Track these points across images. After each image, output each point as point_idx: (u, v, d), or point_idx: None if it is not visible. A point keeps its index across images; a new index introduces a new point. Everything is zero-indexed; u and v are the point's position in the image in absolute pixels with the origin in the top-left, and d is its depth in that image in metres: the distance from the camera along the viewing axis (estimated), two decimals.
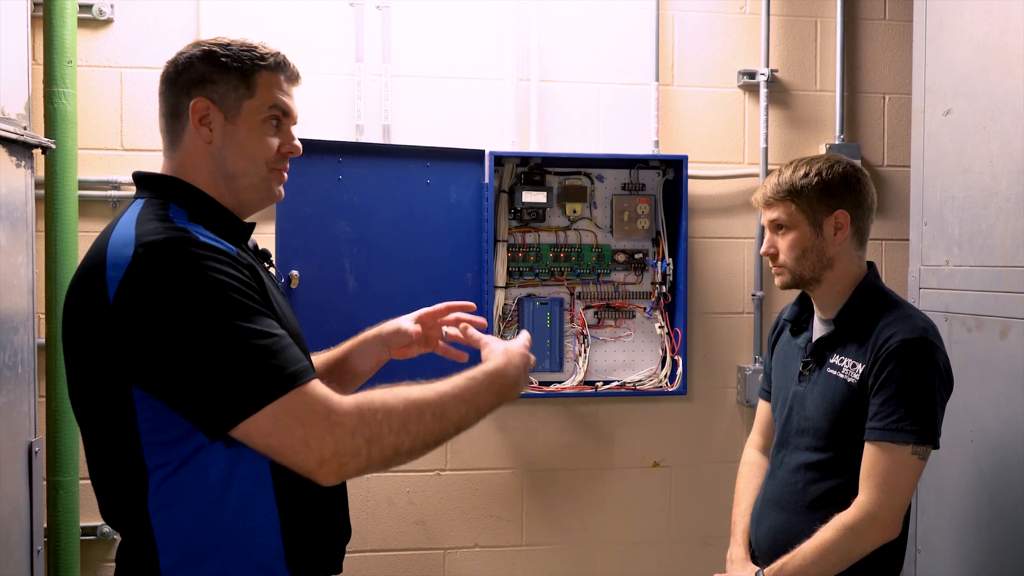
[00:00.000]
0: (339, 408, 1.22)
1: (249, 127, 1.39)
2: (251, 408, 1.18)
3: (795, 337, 1.94)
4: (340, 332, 2.52)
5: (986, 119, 2.26)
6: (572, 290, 2.86)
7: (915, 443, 1.67)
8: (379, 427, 1.23)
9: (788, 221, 1.82)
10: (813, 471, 1.80)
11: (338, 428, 1.21)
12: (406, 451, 1.27)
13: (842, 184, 1.80)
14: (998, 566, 2.18)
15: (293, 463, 1.20)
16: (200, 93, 1.37)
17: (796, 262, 1.82)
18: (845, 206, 1.79)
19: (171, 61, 1.41)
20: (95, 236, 1.36)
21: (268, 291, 1.34)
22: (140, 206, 1.33)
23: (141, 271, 1.21)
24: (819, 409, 1.80)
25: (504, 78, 2.81)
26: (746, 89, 2.94)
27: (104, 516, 1.36)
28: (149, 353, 1.21)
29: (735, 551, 1.95)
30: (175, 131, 1.39)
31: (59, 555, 2.38)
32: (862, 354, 1.75)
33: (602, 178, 2.87)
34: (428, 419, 1.29)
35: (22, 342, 2.06)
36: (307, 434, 1.19)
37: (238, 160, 1.39)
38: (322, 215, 2.53)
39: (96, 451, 1.33)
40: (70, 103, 2.39)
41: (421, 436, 1.28)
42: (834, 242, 1.80)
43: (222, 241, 1.31)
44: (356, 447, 1.21)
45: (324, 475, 1.20)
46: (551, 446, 2.89)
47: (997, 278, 2.20)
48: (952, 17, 2.41)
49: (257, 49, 1.40)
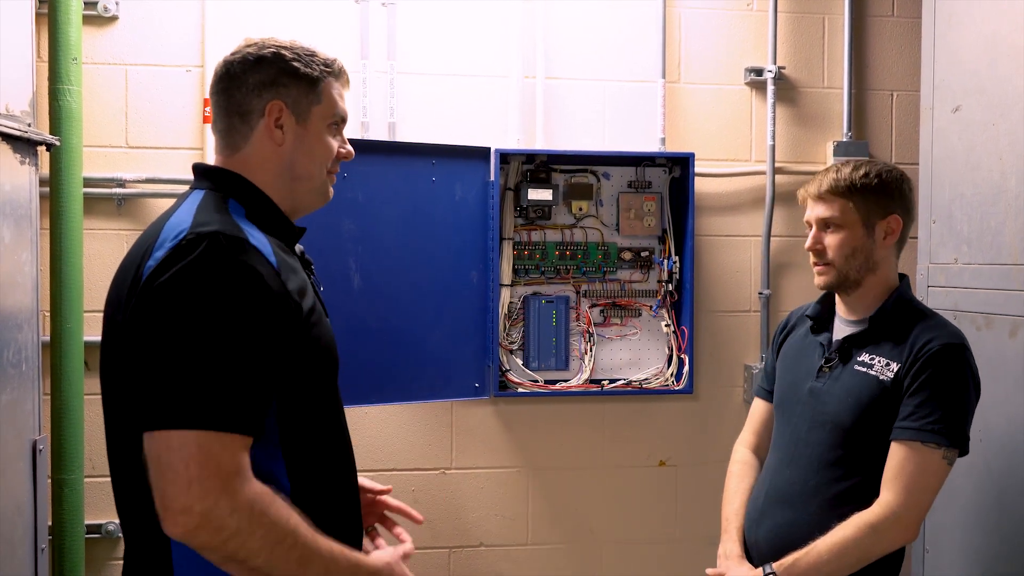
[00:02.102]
0: (241, 482, 1.18)
1: (317, 132, 1.43)
2: (180, 423, 1.16)
3: (816, 335, 1.92)
4: (346, 330, 2.53)
5: (995, 116, 2.24)
6: (578, 288, 2.85)
7: (947, 447, 1.67)
8: (255, 528, 1.19)
9: (841, 219, 1.81)
10: (831, 469, 1.79)
11: (226, 496, 1.16)
12: (254, 567, 1.21)
13: (899, 189, 1.81)
14: (1006, 566, 2.17)
15: (162, 491, 1.16)
16: (274, 96, 1.39)
17: (845, 261, 1.81)
18: (899, 211, 1.81)
19: (232, 60, 1.41)
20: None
21: (302, 304, 1.33)
22: (201, 196, 1.35)
23: (177, 256, 1.22)
24: (843, 404, 1.78)
25: (510, 75, 2.80)
26: (753, 86, 2.93)
27: (120, 514, 1.35)
28: (141, 331, 1.21)
29: (729, 547, 1.92)
30: (240, 130, 1.40)
31: (64, 553, 2.38)
32: (898, 353, 1.74)
33: (608, 176, 2.85)
34: (292, 559, 1.23)
35: (26, 340, 2.06)
36: (198, 477, 1.15)
37: (306, 164, 1.43)
38: (327, 213, 2.47)
39: (116, 441, 1.33)
40: (75, 100, 2.39)
41: (277, 566, 1.22)
42: (883, 245, 1.81)
43: (270, 249, 1.31)
44: (223, 525, 1.16)
45: (175, 523, 1.16)
46: (557, 445, 2.88)
47: (1006, 276, 2.19)
48: (961, 14, 2.39)
49: (318, 55, 1.44)
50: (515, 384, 2.79)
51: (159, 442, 1.16)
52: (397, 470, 2.80)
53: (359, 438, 2.76)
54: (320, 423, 1.39)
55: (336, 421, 1.46)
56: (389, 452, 2.80)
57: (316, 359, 1.37)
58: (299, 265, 1.41)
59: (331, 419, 1.44)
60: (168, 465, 1.15)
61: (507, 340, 2.80)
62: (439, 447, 2.83)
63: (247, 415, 1.20)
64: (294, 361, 1.30)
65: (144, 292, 1.22)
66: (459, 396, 2.73)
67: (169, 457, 1.15)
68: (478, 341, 2.73)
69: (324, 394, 1.41)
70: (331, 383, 1.44)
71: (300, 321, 1.32)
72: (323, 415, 1.41)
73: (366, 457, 2.77)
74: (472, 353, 2.73)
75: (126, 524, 1.35)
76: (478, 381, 2.74)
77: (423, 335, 2.65)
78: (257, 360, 1.23)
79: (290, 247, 1.43)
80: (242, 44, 1.43)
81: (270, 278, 1.27)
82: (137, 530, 1.32)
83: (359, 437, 2.76)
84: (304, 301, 1.34)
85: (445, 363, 2.69)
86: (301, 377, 1.32)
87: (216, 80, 1.42)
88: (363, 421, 2.77)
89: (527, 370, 2.80)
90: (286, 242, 1.41)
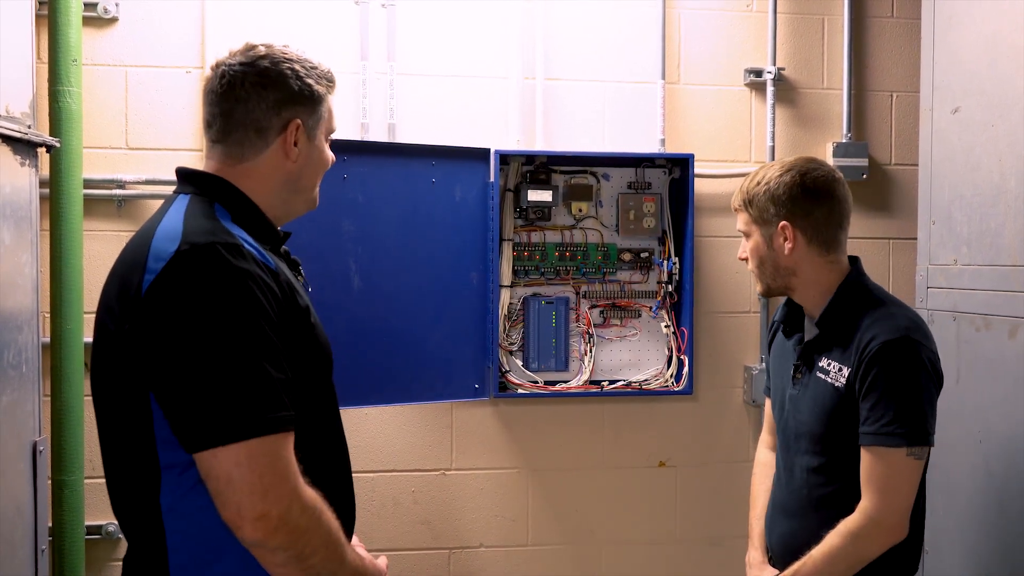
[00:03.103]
0: (303, 482, 1.25)
1: (321, 146, 1.47)
2: (236, 436, 1.18)
3: (788, 338, 1.90)
4: (345, 331, 2.54)
5: (995, 117, 2.24)
6: (578, 289, 2.85)
7: (907, 445, 1.63)
8: (319, 525, 1.26)
9: (746, 230, 1.81)
10: (815, 475, 1.79)
11: (296, 497, 1.22)
12: (310, 565, 1.26)
13: (786, 194, 1.74)
14: (1006, 567, 2.16)
15: (236, 502, 1.18)
16: (293, 115, 1.41)
17: (759, 270, 1.81)
18: (788, 217, 1.74)
19: (241, 71, 1.38)
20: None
21: (299, 303, 1.35)
22: (187, 201, 1.35)
23: (178, 271, 1.22)
24: (812, 414, 1.77)
25: (509, 76, 2.80)
26: (753, 87, 2.93)
27: (116, 514, 1.36)
28: (160, 353, 1.21)
29: (752, 555, 1.95)
30: (254, 145, 1.40)
31: (64, 554, 2.38)
32: (847, 357, 1.71)
33: (608, 177, 2.85)
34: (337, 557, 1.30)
35: (26, 341, 2.06)
36: (272, 484, 1.19)
37: (312, 177, 1.47)
38: (327, 214, 2.50)
39: (111, 446, 1.34)
40: (75, 102, 2.39)
41: (328, 562, 1.29)
42: (784, 252, 1.76)
43: (262, 251, 1.32)
44: (297, 524, 1.22)
45: (255, 529, 1.19)
46: (557, 446, 2.88)
47: (1006, 277, 2.18)
48: (961, 14, 2.39)
49: (320, 68, 1.45)
50: (515, 385, 2.79)
51: (225, 459, 1.18)
52: (397, 471, 2.80)
53: (359, 439, 2.76)
54: (316, 421, 1.40)
55: (331, 419, 1.47)
56: (389, 453, 2.80)
57: (313, 357, 1.38)
58: (286, 266, 1.42)
59: (327, 417, 1.45)
60: (241, 479, 1.18)
61: (507, 341, 2.80)
62: (439, 448, 2.83)
63: (289, 411, 1.24)
64: (296, 357, 1.31)
65: (149, 308, 1.22)
66: (459, 397, 2.73)
67: (240, 471, 1.18)
68: (478, 342, 2.73)
69: (320, 392, 1.42)
70: (326, 381, 1.45)
71: (301, 318, 1.34)
72: (319, 413, 1.42)
73: (366, 458, 2.77)
74: (472, 354, 2.73)
75: (125, 525, 1.35)
76: (478, 382, 2.74)
77: (423, 336, 2.65)
78: (280, 355, 1.25)
79: (275, 250, 1.44)
80: (245, 51, 1.41)
81: (269, 276, 1.28)
82: (134, 531, 1.33)
83: (359, 438, 2.76)
84: (299, 299, 1.36)
85: (445, 364, 2.69)
86: (301, 375, 1.33)
87: (223, 88, 1.39)
88: (363, 422, 2.77)
89: (527, 371, 2.80)
90: (272, 245, 1.42)
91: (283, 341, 1.27)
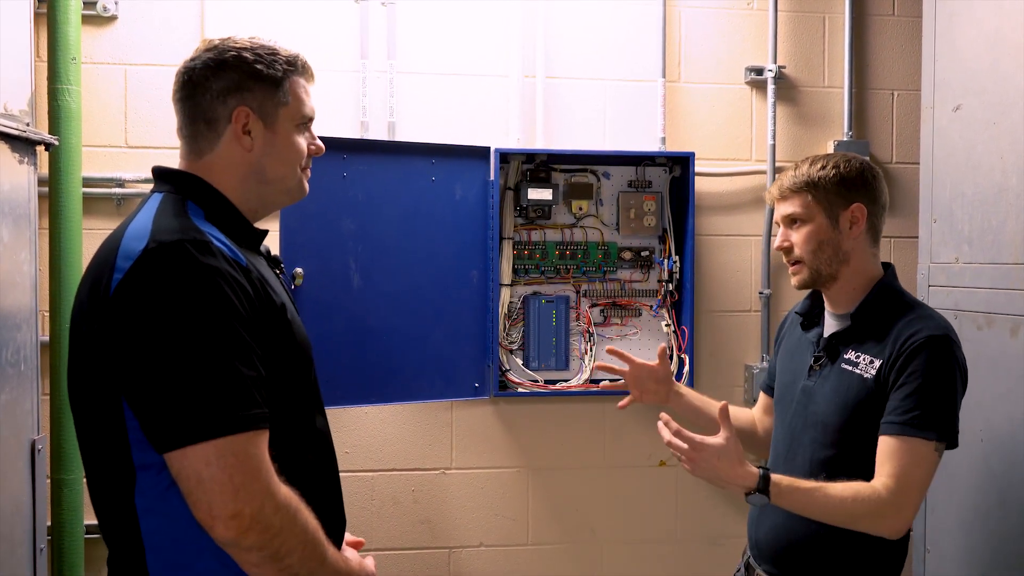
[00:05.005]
0: (277, 480, 1.23)
1: (286, 134, 1.42)
2: (205, 434, 1.17)
3: (806, 331, 1.92)
4: (345, 329, 2.54)
5: (996, 115, 2.24)
6: (578, 288, 2.85)
7: (937, 439, 1.64)
8: (295, 524, 1.24)
9: (804, 214, 1.81)
10: (823, 468, 1.78)
11: (269, 495, 1.20)
12: (287, 565, 1.24)
13: (859, 178, 1.80)
14: (1007, 565, 2.16)
15: (207, 502, 1.17)
16: (239, 102, 1.38)
17: (813, 255, 1.81)
18: (862, 200, 1.79)
19: (193, 65, 1.39)
20: (100, 233, 1.36)
21: (275, 300, 1.34)
22: (159, 200, 1.34)
23: (145, 269, 1.21)
24: (830, 404, 1.77)
25: (510, 75, 2.80)
26: (753, 85, 2.92)
27: (96, 515, 1.35)
28: (128, 353, 1.20)
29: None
30: (207, 137, 1.39)
31: (63, 553, 2.38)
32: (880, 350, 1.73)
33: (608, 175, 2.85)
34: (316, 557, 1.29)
35: (25, 339, 2.05)
36: (243, 482, 1.18)
37: (278, 167, 1.42)
38: (327, 212, 2.52)
39: (88, 447, 1.33)
40: (74, 100, 2.38)
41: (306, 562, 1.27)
42: (850, 236, 1.79)
43: (234, 248, 1.31)
44: (270, 523, 1.20)
45: (227, 528, 1.18)
46: (557, 445, 2.87)
47: (1007, 275, 2.18)
48: (962, 12, 2.39)
49: (280, 53, 1.41)
50: (515, 384, 2.79)
51: (194, 458, 1.17)
52: (397, 470, 2.80)
53: (359, 438, 2.76)
54: (295, 419, 1.39)
55: (313, 417, 1.45)
56: (389, 452, 2.79)
57: (290, 354, 1.37)
58: (264, 263, 1.41)
59: (307, 415, 1.43)
60: (211, 478, 1.16)
61: (507, 340, 2.80)
62: (439, 447, 2.82)
63: (261, 408, 1.22)
64: (271, 355, 1.30)
65: (117, 307, 1.21)
66: (459, 396, 2.73)
67: (210, 470, 1.17)
68: (478, 341, 2.72)
69: (300, 390, 1.41)
70: (306, 379, 1.43)
71: (277, 315, 1.32)
72: (298, 411, 1.40)
73: (366, 457, 2.76)
74: (472, 353, 2.72)
75: (104, 526, 1.34)
76: (478, 381, 2.73)
77: (423, 335, 2.65)
78: (251, 351, 1.23)
79: (254, 247, 1.42)
80: (201, 47, 1.41)
81: (240, 274, 1.27)
82: (113, 532, 1.32)
83: (359, 437, 2.76)
84: (275, 296, 1.34)
85: (445, 363, 2.68)
86: (277, 373, 1.32)
87: (179, 86, 1.40)
88: (363, 421, 2.77)
89: (527, 370, 2.80)
90: (248, 242, 1.40)
91: (256, 339, 1.25)
